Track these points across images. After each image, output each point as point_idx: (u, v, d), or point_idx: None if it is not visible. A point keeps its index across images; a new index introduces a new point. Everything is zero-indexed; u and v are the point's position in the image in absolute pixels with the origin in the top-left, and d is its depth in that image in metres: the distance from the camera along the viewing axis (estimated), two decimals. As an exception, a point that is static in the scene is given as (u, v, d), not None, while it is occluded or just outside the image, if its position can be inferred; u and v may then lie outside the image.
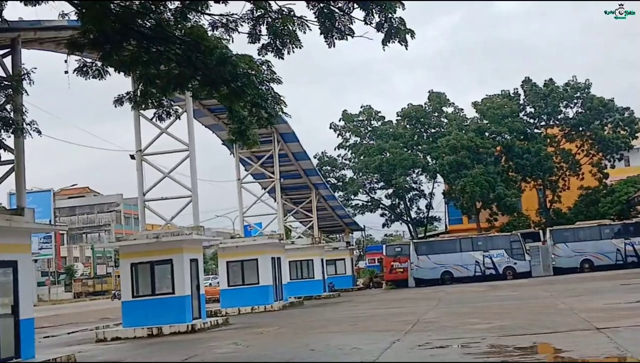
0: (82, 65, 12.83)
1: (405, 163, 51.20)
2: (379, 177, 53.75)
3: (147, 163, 22.98)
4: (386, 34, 9.04)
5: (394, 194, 55.34)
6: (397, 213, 57.38)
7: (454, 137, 48.55)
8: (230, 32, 10.66)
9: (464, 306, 22.72)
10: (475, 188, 46.29)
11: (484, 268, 41.40)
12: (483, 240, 43.15)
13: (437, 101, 53.49)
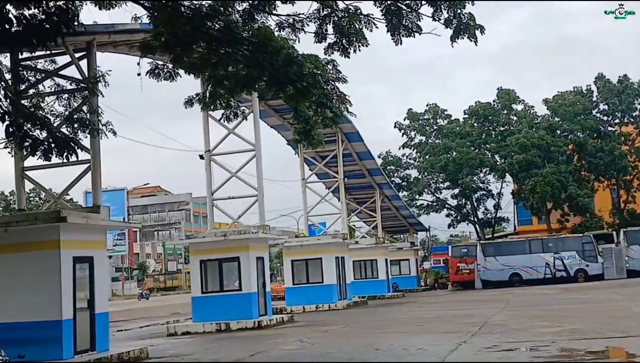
0: (155, 67, 13.28)
1: (472, 162, 50.20)
2: (445, 177, 52.89)
3: (216, 163, 23.47)
4: (455, 30, 8.92)
5: (460, 194, 54.35)
6: (464, 213, 56.34)
7: (523, 135, 47.25)
8: (297, 32, 10.77)
9: (533, 308, 22.14)
10: (546, 187, 44.93)
11: (555, 270, 40.23)
12: (554, 241, 41.90)
13: (507, 98, 52.15)
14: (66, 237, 13.87)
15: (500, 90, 52.79)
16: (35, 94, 13.92)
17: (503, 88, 52.92)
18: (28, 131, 9.50)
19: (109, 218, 15.42)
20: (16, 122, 8.97)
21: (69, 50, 14.79)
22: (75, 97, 14.65)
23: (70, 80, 14.80)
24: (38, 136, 9.86)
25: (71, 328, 13.80)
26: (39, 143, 9.55)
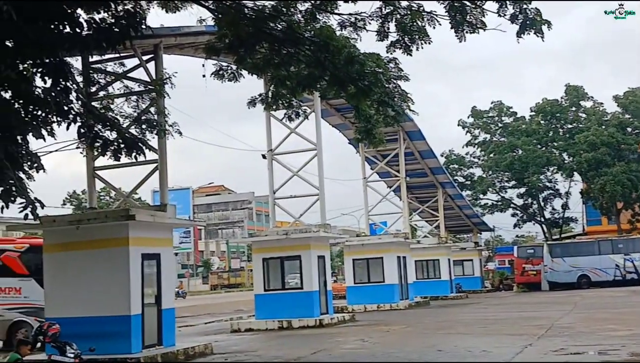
0: (219, 69, 13.55)
1: (539, 161, 48.81)
2: (510, 175, 51.62)
3: (277, 162, 23.70)
4: (521, 26, 8.68)
5: (526, 193, 52.94)
6: (530, 213, 54.85)
7: (592, 133, 45.62)
8: (359, 30, 10.74)
9: (602, 311, 21.35)
10: (616, 187, 43.21)
11: (625, 272, 38.69)
12: (624, 242, 40.31)
13: (575, 95, 50.44)
14: (135, 234, 14.31)
15: (569, 87, 51.13)
16: (105, 96, 14.41)
17: (571, 85, 51.22)
18: (98, 132, 9.84)
19: (175, 216, 15.80)
20: (87, 124, 9.28)
21: (137, 53, 15.24)
22: (143, 98, 15.09)
23: (138, 82, 15.26)
24: (108, 137, 10.20)
25: (139, 323, 14.23)
26: (109, 144, 9.88)
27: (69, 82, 8.74)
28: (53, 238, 14.97)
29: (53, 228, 14.81)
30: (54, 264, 14.91)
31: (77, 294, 14.46)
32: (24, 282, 18.73)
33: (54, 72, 8.12)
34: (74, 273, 14.59)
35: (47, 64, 7.98)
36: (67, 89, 8.64)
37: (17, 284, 18.02)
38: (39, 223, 15.39)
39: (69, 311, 14.15)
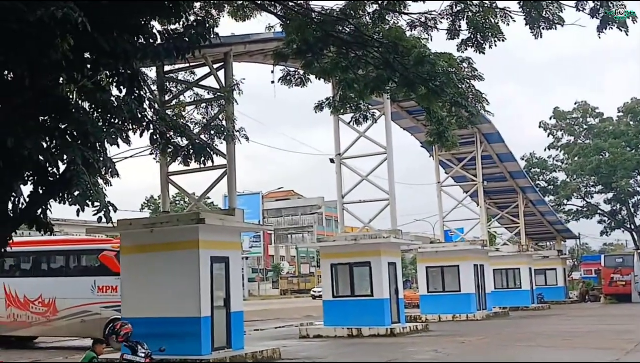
0: (286, 74, 13.48)
1: (628, 164, 46.21)
2: (597, 180, 49.15)
3: (346, 166, 23.40)
4: (602, 20, 8.00)
5: (614, 198, 50.30)
6: (619, 219, 52.03)
7: (687, 134, 42.82)
8: (429, 30, 10.33)
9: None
10: None
11: None
12: None
13: (667, 94, 47.57)
14: (204, 237, 14.46)
15: (660, 85, 48.26)
16: (177, 103, 14.61)
17: (664, 83, 48.32)
18: (170, 139, 9.94)
19: (243, 220, 15.84)
20: (159, 131, 9.38)
21: (207, 61, 15.43)
22: (212, 105, 15.21)
23: (207, 89, 15.40)
24: (179, 143, 10.31)
25: (209, 326, 14.34)
26: (179, 150, 9.97)
27: (143, 91, 8.89)
28: (129, 240, 15.39)
29: (129, 230, 15.16)
30: (130, 265, 15.36)
31: (150, 295, 14.76)
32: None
33: (128, 81, 8.27)
34: (147, 274, 14.91)
35: (121, 74, 8.12)
36: (141, 98, 8.78)
37: (114, 282, 18.12)
38: (116, 226, 15.97)
39: (143, 312, 14.47)
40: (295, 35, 11.81)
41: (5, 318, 19.42)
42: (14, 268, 20.34)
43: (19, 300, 19.45)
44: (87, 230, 20.58)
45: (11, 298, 19.60)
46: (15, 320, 19.32)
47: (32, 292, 19.12)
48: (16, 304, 19.47)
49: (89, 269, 19.67)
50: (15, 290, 19.54)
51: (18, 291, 19.46)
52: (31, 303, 19.18)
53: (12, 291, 19.60)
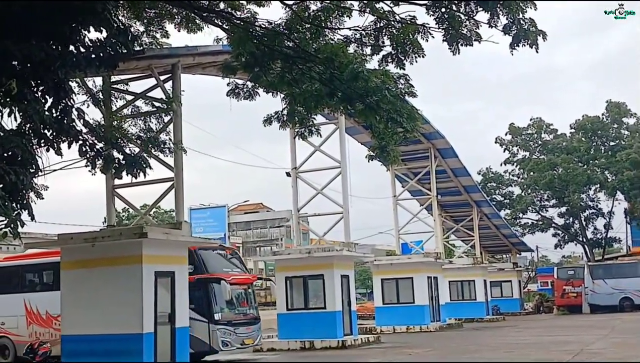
0: (234, 87, 13.56)
1: (579, 179, 47.38)
2: (550, 194, 50.29)
3: (302, 180, 23.55)
4: (514, 37, 8.29)
5: (567, 212, 51.46)
6: (572, 233, 53.23)
7: (635, 150, 44.14)
8: (364, 46, 10.53)
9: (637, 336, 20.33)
10: (661, 206, 41.60)
11: (672, 295, 36.98)
12: (670, 263, 38.58)
13: (616, 112, 48.98)
14: (148, 252, 14.25)
15: (610, 103, 49.69)
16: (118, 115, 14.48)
17: (613, 101, 49.78)
18: (100, 151, 9.84)
19: (190, 234, 15.73)
20: (89, 143, 9.31)
21: (153, 72, 15.38)
22: (160, 117, 15.16)
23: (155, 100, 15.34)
24: (111, 155, 10.21)
25: (152, 342, 14.09)
26: (110, 162, 9.87)
27: (70, 100, 8.81)
28: (70, 255, 14.99)
29: (69, 245, 14.90)
30: (71, 281, 14.90)
31: (92, 311, 14.41)
32: None
33: (53, 91, 8.17)
34: (89, 290, 14.57)
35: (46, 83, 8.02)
36: (68, 108, 8.70)
37: None
38: (57, 240, 15.71)
39: (84, 329, 14.22)
40: (237, 48, 11.95)
41: (27, 337, 18.22)
42: (35, 282, 19.30)
43: (41, 317, 18.29)
44: (25, 245, 19.94)
45: (32, 315, 18.48)
46: (38, 339, 17.86)
47: (56, 307, 16.91)
48: (38, 321, 18.35)
49: None
50: (36, 306, 18.40)
51: (40, 307, 18.32)
52: (54, 319, 17.63)
53: (33, 308, 18.47)
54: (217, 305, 17.40)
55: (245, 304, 19.01)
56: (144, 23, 13.14)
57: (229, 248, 20.68)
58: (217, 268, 18.16)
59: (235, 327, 17.68)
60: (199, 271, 17.54)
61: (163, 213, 51.09)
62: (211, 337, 17.07)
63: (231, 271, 18.53)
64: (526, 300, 53.09)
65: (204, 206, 68.04)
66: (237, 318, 18.06)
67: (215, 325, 17.14)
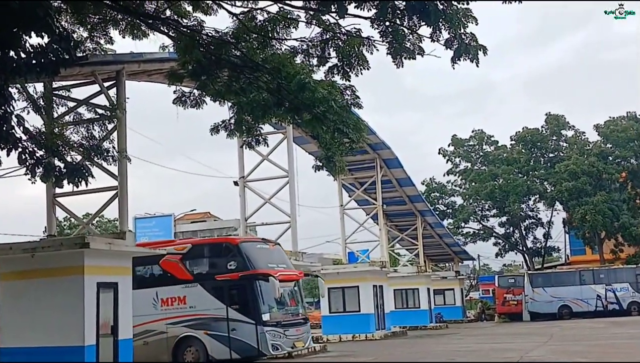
0: (181, 95, 13.48)
1: (519, 190, 48.84)
2: (491, 204, 51.66)
3: (250, 189, 23.53)
4: (455, 52, 8.56)
5: (508, 222, 52.97)
6: (512, 242, 54.77)
7: (573, 162, 45.83)
8: (311, 57, 10.66)
9: (577, 344, 21.05)
10: (597, 216, 43.25)
11: (607, 302, 38.50)
12: (605, 272, 40.17)
13: (555, 124, 50.81)
14: (90, 263, 13.97)
15: (549, 115, 51.50)
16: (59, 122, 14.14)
17: (552, 113, 51.60)
18: (40, 158, 9.60)
19: (134, 244, 15.47)
20: (28, 150, 9.07)
21: (97, 79, 15.11)
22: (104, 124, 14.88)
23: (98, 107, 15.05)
24: (51, 163, 9.98)
25: (93, 354, 13.80)
26: (50, 170, 9.65)
27: (9, 107, 8.57)
28: (9, 266, 14.50)
29: (8, 256, 14.41)
30: (11, 293, 14.45)
31: (32, 324, 14.04)
32: (189, 289, 16.80)
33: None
34: (30, 302, 14.17)
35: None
36: (7, 115, 8.46)
37: (181, 292, 16.30)
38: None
39: (24, 341, 13.86)
40: (183, 55, 11.91)
41: None
42: None
43: None
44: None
45: None
46: None
47: None
48: None
49: (148, 279, 17.33)
50: None
51: None
52: None
53: None
54: (264, 304, 16.07)
55: (294, 303, 17.66)
56: (88, 29, 12.95)
57: (272, 242, 19.33)
58: (262, 263, 16.75)
59: (285, 328, 16.43)
60: (243, 268, 16.15)
61: (106, 222, 49.82)
62: (259, 339, 15.77)
63: (277, 266, 17.12)
64: (468, 307, 54.25)
65: (150, 215, 66.79)
66: (286, 319, 16.76)
67: (263, 327, 15.86)
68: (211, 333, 16.19)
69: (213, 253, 17.67)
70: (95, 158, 12.28)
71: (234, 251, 16.05)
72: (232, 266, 15.54)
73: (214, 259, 17.44)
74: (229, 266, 15.44)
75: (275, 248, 18.82)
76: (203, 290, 16.49)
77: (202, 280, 16.58)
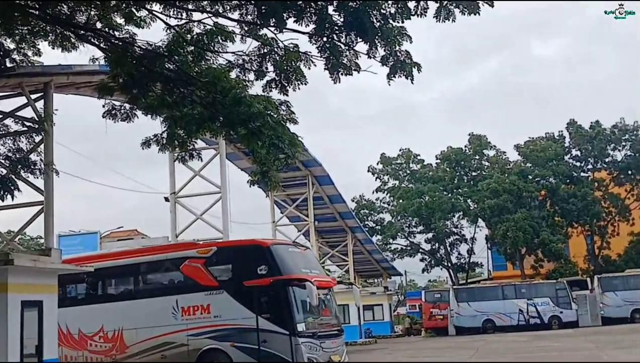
0: (111, 108, 13.22)
1: (444, 207, 50.33)
2: (418, 221, 52.96)
3: (181, 205, 23.23)
4: (391, 68, 8.87)
5: (433, 238, 54.38)
6: (438, 258, 56.23)
7: (495, 180, 47.62)
8: (247, 71, 10.76)
9: (501, 356, 21.80)
10: (517, 232, 45.04)
11: (528, 316, 39.86)
12: (527, 287, 41.65)
13: (478, 144, 52.78)
14: (14, 280, 13.42)
15: (472, 135, 53.42)
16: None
17: (475, 134, 53.57)
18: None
19: (59, 261, 14.96)
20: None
21: (24, 91, 14.69)
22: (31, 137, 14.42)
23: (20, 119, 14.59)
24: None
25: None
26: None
27: None
28: None
29: None
30: None
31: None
32: (214, 296, 15.15)
33: None
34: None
35: None
36: None
37: (205, 300, 14.71)
38: None
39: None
40: (115, 68, 11.73)
41: None
42: (63, 294, 16.16)
43: (73, 337, 15.39)
44: None
45: (62, 334, 15.23)
46: None
47: (90, 324, 15.12)
48: (69, 342, 15.49)
49: (167, 286, 15.85)
50: (66, 324, 15.45)
51: (71, 325, 15.51)
52: (89, 339, 15.25)
53: (62, 326, 15.24)
54: (299, 313, 14.51)
55: (328, 312, 16.15)
56: (15, 40, 12.58)
57: (303, 246, 18.04)
58: (295, 268, 15.27)
59: (322, 340, 14.86)
60: (275, 272, 14.66)
61: (28, 240, 47.73)
62: (294, 352, 14.16)
63: (310, 272, 15.58)
64: (396, 322, 55.09)
65: (74, 233, 64.53)
66: (322, 329, 15.20)
67: (298, 338, 14.28)
68: (239, 345, 14.74)
69: (241, 257, 15.96)
70: (21, 171, 11.85)
71: (265, 254, 14.62)
72: (263, 271, 14.19)
73: (242, 263, 15.73)
74: (259, 270, 14.04)
75: (307, 252, 17.54)
76: (229, 297, 15.01)
77: (229, 286, 15.20)
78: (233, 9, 9.94)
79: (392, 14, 8.67)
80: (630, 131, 48.73)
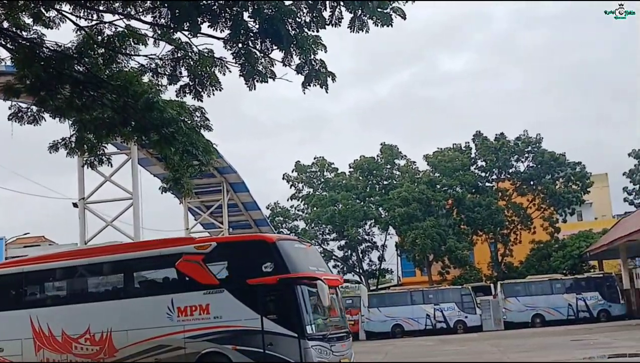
0: (17, 110, 12.71)
1: (357, 215, 51.12)
2: (332, 228, 53.56)
3: (90, 211, 22.48)
4: (306, 77, 8.99)
5: (346, 245, 55.11)
6: (350, 264, 57.05)
7: (405, 189, 48.78)
8: (160, 76, 10.61)
9: (411, 360, 22.42)
10: (426, 240, 46.36)
11: (435, 321, 41.00)
12: (434, 292, 42.83)
13: (389, 153, 54.00)
14: None
15: (384, 145, 54.64)
16: None
17: (386, 143, 54.80)
18: None
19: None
20: None
21: None
22: None
23: None
24: None
25: None
26: None
27: None
28: None
29: None
30: None
31: None
32: (214, 296, 13.97)
33: None
34: None
35: None
36: None
37: (203, 299, 13.57)
38: None
39: None
40: (22, 69, 11.31)
41: None
42: (44, 293, 14.81)
43: (55, 339, 13.88)
44: None
45: (42, 336, 14.01)
46: None
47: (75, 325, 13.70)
48: (51, 345, 13.97)
49: (161, 284, 14.64)
50: (47, 325, 14.07)
51: (53, 326, 14.07)
52: (74, 341, 13.81)
53: (43, 327, 14.04)
54: (308, 313, 13.54)
55: (335, 313, 15.19)
56: None
57: (308, 242, 16.94)
58: (302, 265, 14.21)
59: (331, 342, 13.92)
60: (281, 270, 13.61)
61: None
62: (303, 356, 13.17)
63: (317, 270, 14.66)
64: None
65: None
66: (332, 331, 14.30)
67: (308, 341, 13.32)
68: (241, 349, 13.74)
69: (244, 253, 14.99)
70: None
71: (271, 250, 13.73)
72: (269, 269, 13.28)
73: (245, 260, 14.67)
74: (264, 268, 13.17)
75: (312, 249, 16.61)
76: (231, 297, 13.92)
77: (230, 285, 14.13)
78: (146, 11, 9.77)
79: (307, 23, 8.79)
80: (533, 143, 51.12)
